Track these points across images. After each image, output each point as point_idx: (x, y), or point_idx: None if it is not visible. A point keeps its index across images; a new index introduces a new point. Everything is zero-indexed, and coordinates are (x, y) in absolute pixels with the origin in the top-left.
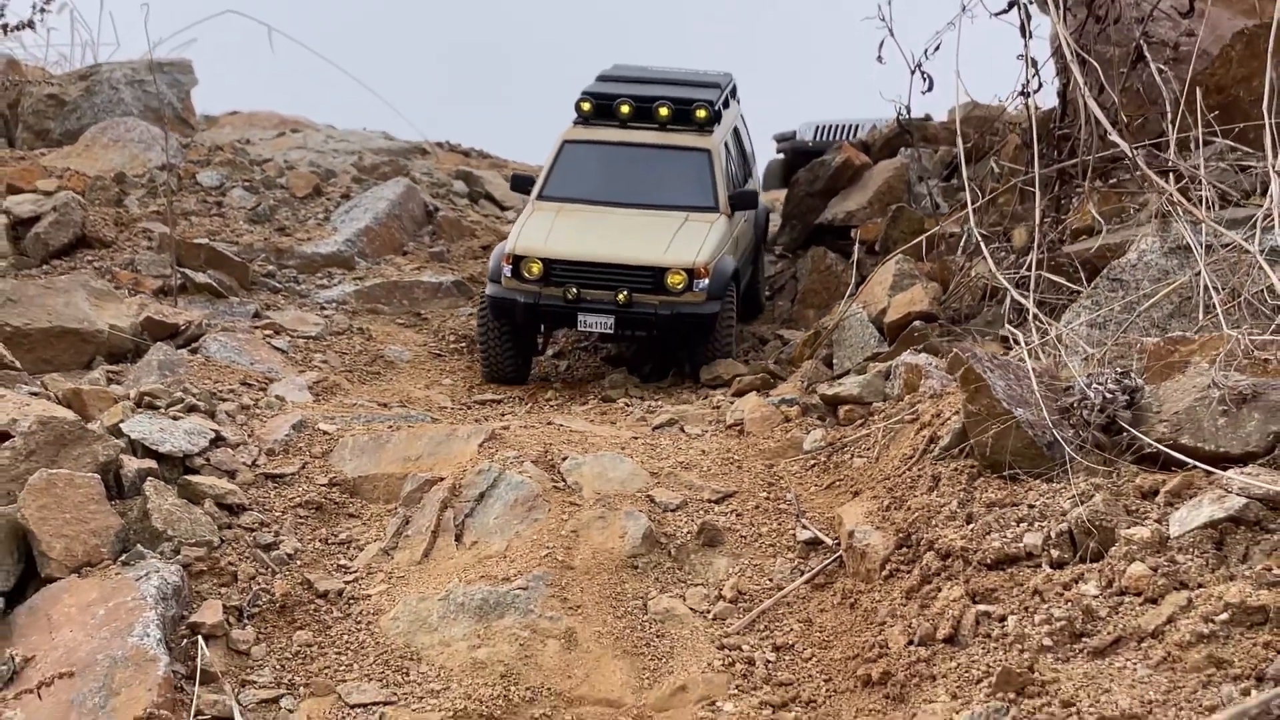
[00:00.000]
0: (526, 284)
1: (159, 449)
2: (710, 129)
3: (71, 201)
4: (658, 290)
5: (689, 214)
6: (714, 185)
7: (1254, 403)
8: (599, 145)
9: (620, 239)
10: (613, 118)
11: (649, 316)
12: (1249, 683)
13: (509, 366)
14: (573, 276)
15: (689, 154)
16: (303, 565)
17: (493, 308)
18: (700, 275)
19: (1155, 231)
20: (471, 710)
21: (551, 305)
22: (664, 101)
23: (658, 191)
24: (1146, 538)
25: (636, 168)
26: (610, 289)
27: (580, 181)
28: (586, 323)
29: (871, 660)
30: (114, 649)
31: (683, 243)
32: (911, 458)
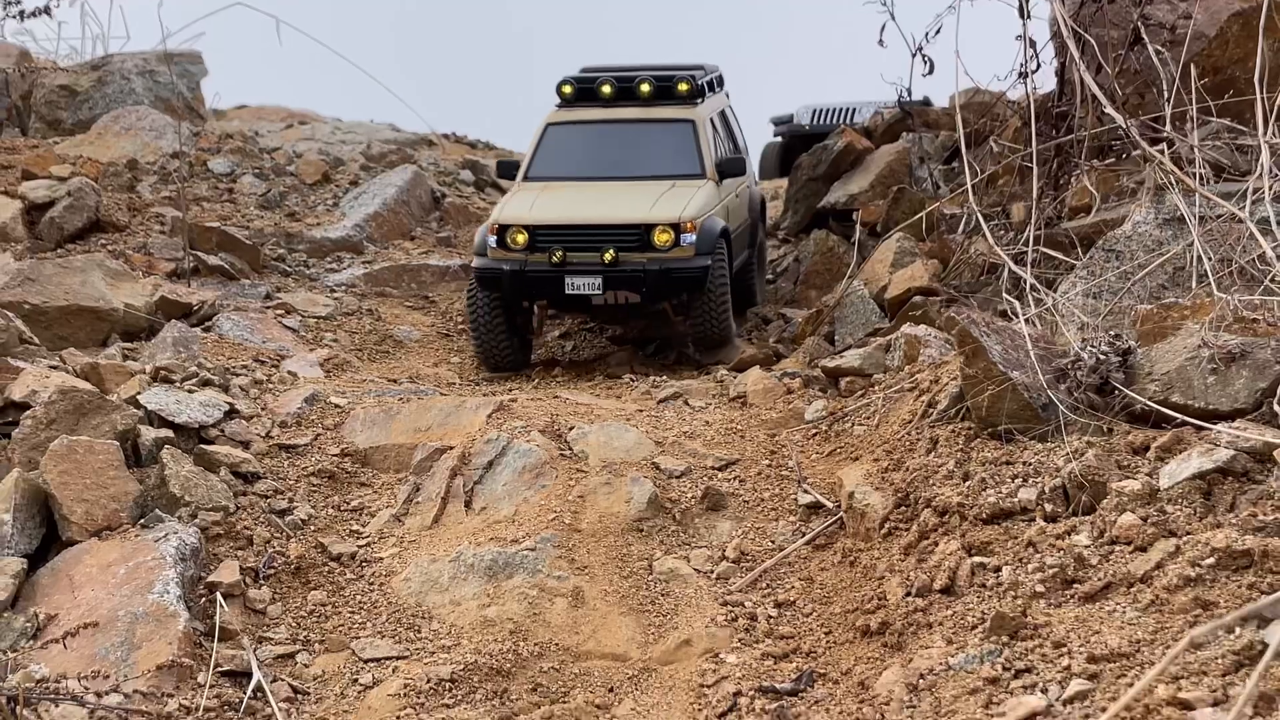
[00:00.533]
0: (512, 253)
1: (175, 420)
2: (694, 102)
3: (86, 187)
4: (644, 248)
5: (675, 181)
6: (699, 152)
7: (1242, 361)
8: (582, 125)
9: (605, 202)
10: (595, 99)
11: (637, 273)
12: (1238, 625)
13: (505, 349)
14: (558, 240)
15: (673, 125)
16: (316, 530)
17: (479, 280)
18: (687, 230)
19: (1150, 203)
20: (482, 664)
21: (538, 271)
22: (645, 78)
23: (642, 163)
24: (1137, 490)
25: (621, 143)
26: (596, 250)
27: (565, 161)
28: (574, 285)
29: (870, 612)
30: (135, 606)
31: (669, 201)
32: (910, 422)
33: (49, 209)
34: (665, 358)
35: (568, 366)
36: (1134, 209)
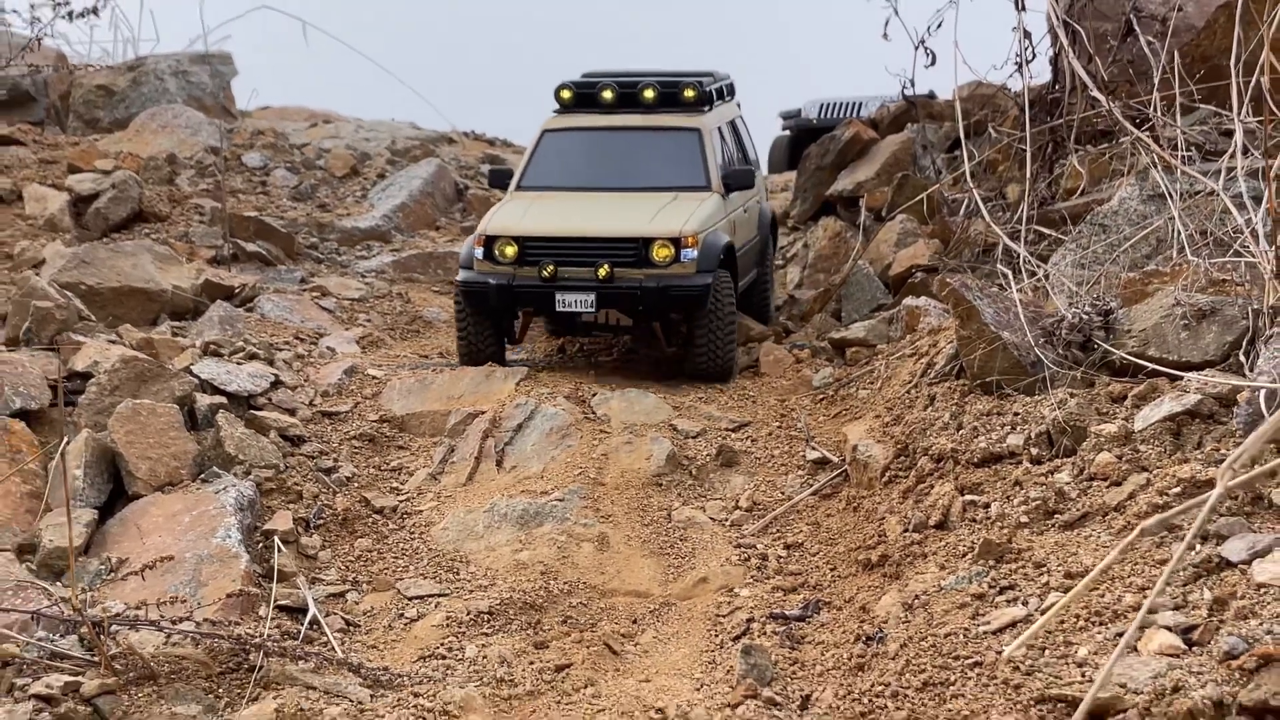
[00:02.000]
0: (500, 266)
1: (226, 388)
2: (701, 110)
3: (129, 179)
4: (642, 264)
5: (678, 193)
6: (704, 163)
7: (1212, 318)
8: (581, 132)
9: (600, 214)
10: (596, 105)
11: (633, 291)
12: (1195, 541)
13: (484, 354)
14: (549, 254)
15: (677, 134)
16: (360, 487)
17: (464, 294)
18: (688, 245)
19: (1135, 180)
20: (516, 599)
21: (527, 286)
22: (649, 83)
23: (644, 173)
24: (1114, 432)
25: (621, 152)
26: (590, 265)
27: (561, 170)
28: (565, 302)
29: (871, 548)
30: (200, 549)
31: (669, 214)
32: (910, 383)
33: (94, 200)
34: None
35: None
36: (1119, 185)
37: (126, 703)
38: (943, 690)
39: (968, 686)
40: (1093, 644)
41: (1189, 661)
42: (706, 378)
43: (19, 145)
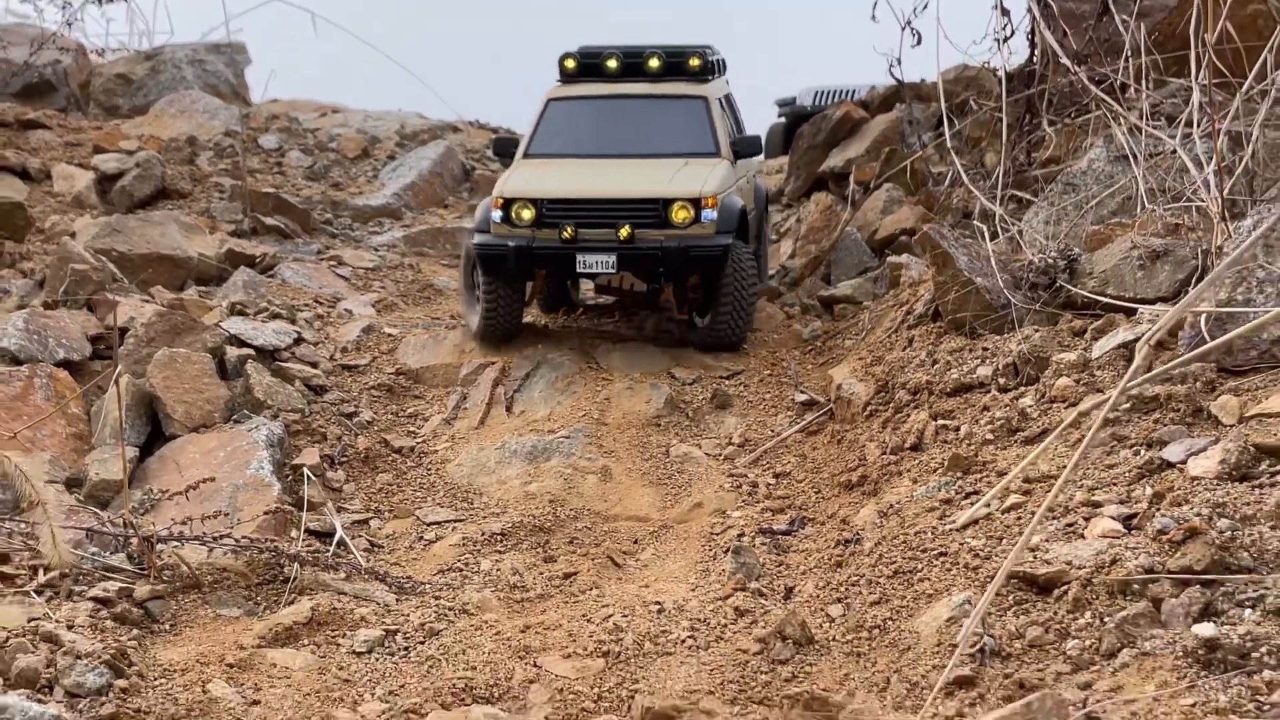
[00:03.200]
0: (518, 229)
1: (253, 343)
2: (705, 78)
3: (152, 159)
4: (662, 225)
5: (688, 159)
6: (713, 130)
7: (1165, 258)
8: (587, 100)
9: (619, 176)
10: (600, 74)
11: (654, 252)
12: (1141, 448)
13: (503, 324)
14: (569, 215)
15: (684, 101)
16: (379, 430)
17: (481, 258)
18: (708, 205)
19: (1102, 143)
20: (526, 523)
21: (546, 248)
22: (655, 52)
23: (653, 140)
24: (1073, 360)
25: (629, 119)
26: (610, 226)
27: (569, 137)
28: (586, 263)
29: (852, 471)
30: (235, 479)
31: (686, 177)
32: (891, 329)
33: (119, 179)
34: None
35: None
36: (1088, 145)
37: (174, 607)
38: (911, 576)
39: (933, 572)
40: (1044, 533)
41: (1126, 541)
42: (721, 345)
43: (45, 129)
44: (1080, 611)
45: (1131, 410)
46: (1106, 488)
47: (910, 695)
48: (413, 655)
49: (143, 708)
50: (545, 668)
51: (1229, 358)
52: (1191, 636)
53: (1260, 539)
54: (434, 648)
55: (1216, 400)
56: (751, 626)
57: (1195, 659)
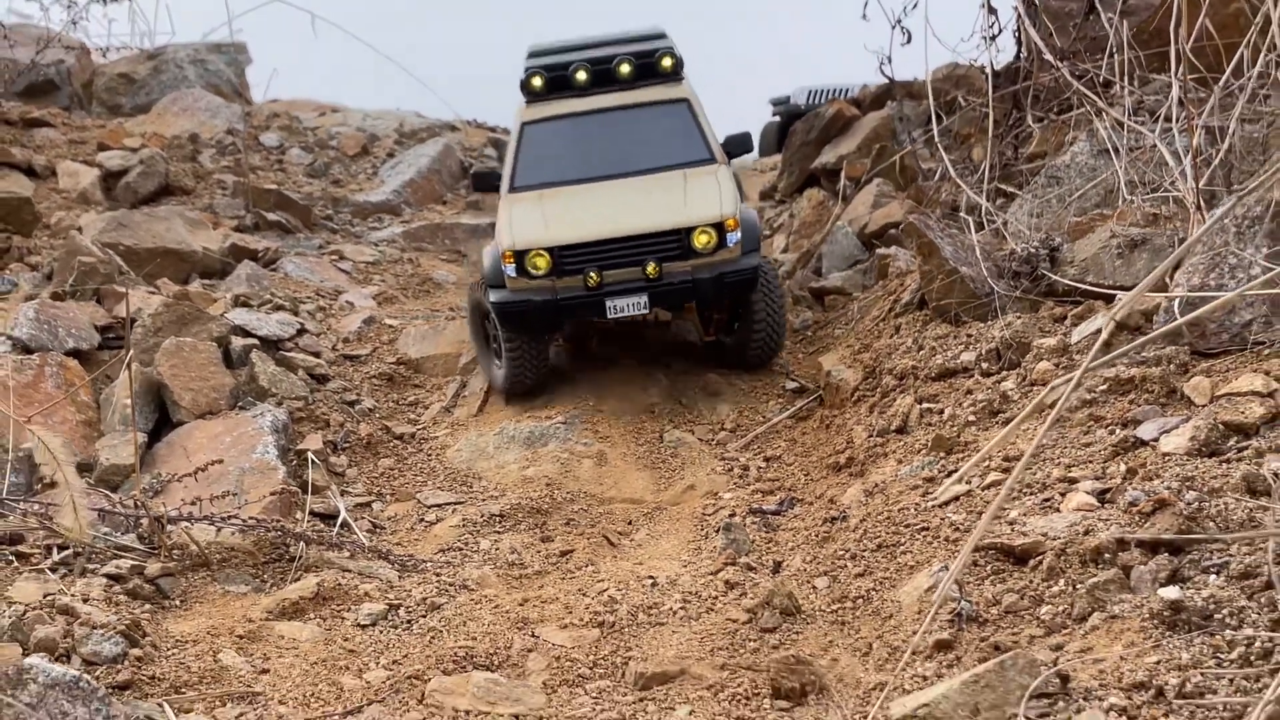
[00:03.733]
0: (535, 280)
1: (257, 333)
2: (679, 77)
3: (156, 156)
4: (687, 255)
5: (685, 170)
6: (703, 134)
7: (1143, 247)
8: (563, 120)
9: (628, 207)
10: (568, 88)
11: (686, 285)
12: (1116, 427)
13: (530, 377)
14: (589, 259)
15: (665, 107)
16: (381, 417)
17: (503, 316)
18: (730, 228)
19: (1085, 137)
20: (524, 505)
21: (573, 298)
22: (624, 58)
23: (643, 154)
24: (1053, 345)
25: (612, 134)
26: (634, 264)
27: (554, 163)
28: (617, 307)
29: (840, 453)
30: (242, 462)
31: (700, 198)
32: (879, 318)
33: (123, 175)
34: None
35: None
36: (1070, 140)
37: (184, 584)
38: (894, 549)
39: (915, 545)
40: (1022, 508)
41: (1099, 513)
42: (760, 361)
43: (49, 127)
44: (1054, 579)
45: (1108, 392)
46: (1082, 465)
47: (891, 659)
48: (415, 627)
49: (157, 674)
50: (543, 638)
51: (1202, 341)
52: (1158, 599)
53: (1226, 509)
54: (435, 620)
55: (1189, 381)
56: (741, 598)
57: (1161, 620)
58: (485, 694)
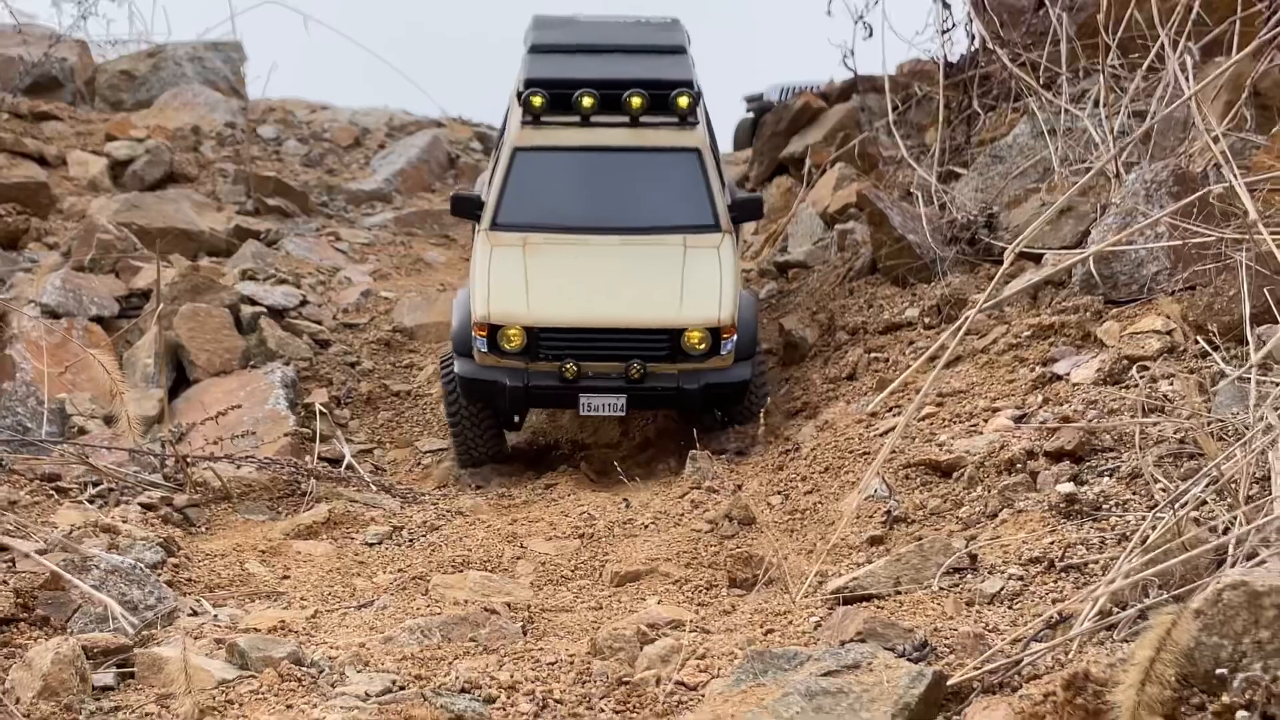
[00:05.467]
0: (508, 358)
1: (264, 302)
2: (694, 120)
3: (161, 146)
4: (674, 356)
5: (686, 237)
6: (710, 196)
7: (1069, 213)
8: (559, 152)
9: (618, 289)
10: (570, 111)
11: (669, 392)
12: (1037, 365)
13: (487, 450)
14: (568, 347)
15: (674, 156)
16: (379, 377)
17: (467, 391)
18: (726, 335)
19: (1026, 120)
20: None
21: (545, 387)
22: (636, 90)
23: (643, 209)
24: (987, 299)
25: (611, 179)
26: (616, 359)
27: (542, 202)
28: (591, 406)
29: (796, 400)
30: (256, 413)
31: (697, 288)
32: (835, 283)
33: (130, 164)
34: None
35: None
36: (1009, 122)
37: (208, 514)
38: (839, 471)
39: (856, 466)
40: (950, 433)
41: (1015, 433)
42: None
43: (57, 120)
44: (973, 486)
45: (1032, 337)
46: (1005, 398)
47: (832, 554)
48: (416, 544)
49: (192, 578)
50: (530, 548)
51: (1114, 291)
52: (1056, 494)
53: (1121, 425)
54: (435, 538)
55: (1101, 326)
56: (704, 514)
57: (1058, 511)
58: (480, 588)
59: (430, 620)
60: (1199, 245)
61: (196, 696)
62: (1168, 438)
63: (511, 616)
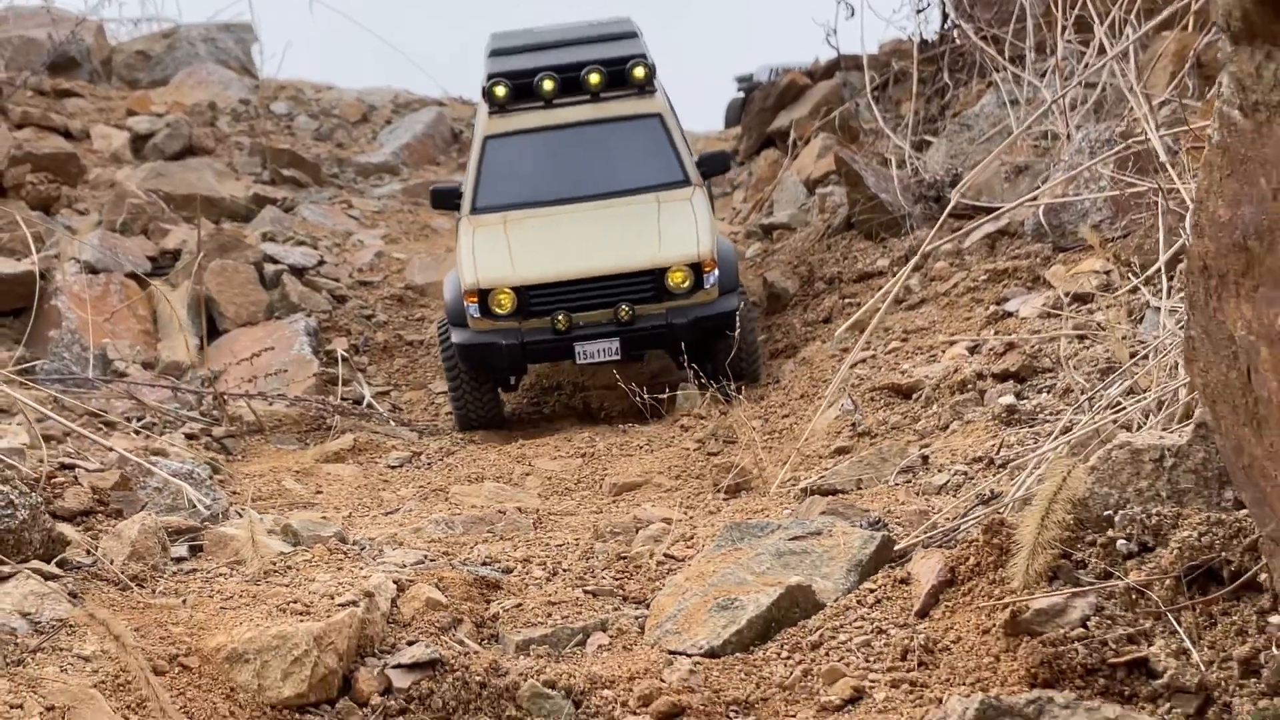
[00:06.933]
0: (501, 321)
1: (285, 261)
2: (651, 89)
3: (180, 120)
4: (660, 296)
5: (659, 194)
6: (677, 154)
7: (1025, 172)
8: (528, 134)
9: (599, 242)
10: (534, 98)
11: (661, 330)
12: (991, 305)
13: (485, 413)
14: (557, 301)
15: (637, 123)
16: (394, 328)
17: (466, 358)
18: (708, 269)
19: (992, 91)
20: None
21: (540, 342)
22: (594, 67)
23: (614, 175)
24: (949, 249)
25: (580, 152)
26: (605, 306)
27: (517, 182)
28: (587, 353)
29: (779, 342)
30: (283, 357)
31: (673, 232)
32: (814, 239)
33: (151, 138)
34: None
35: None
36: (980, 92)
37: (244, 445)
38: (812, 397)
39: (828, 391)
40: (912, 363)
41: (967, 360)
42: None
43: (79, 97)
44: (929, 405)
45: (988, 281)
46: (962, 332)
47: (804, 464)
48: (435, 467)
49: (236, 492)
50: (537, 466)
51: (1062, 239)
52: (999, 406)
53: (1058, 349)
54: (451, 460)
55: (1049, 269)
56: (692, 436)
57: (1000, 420)
58: (494, 496)
59: (452, 517)
60: (1134, 195)
61: (262, 560)
62: (1098, 358)
63: (523, 516)
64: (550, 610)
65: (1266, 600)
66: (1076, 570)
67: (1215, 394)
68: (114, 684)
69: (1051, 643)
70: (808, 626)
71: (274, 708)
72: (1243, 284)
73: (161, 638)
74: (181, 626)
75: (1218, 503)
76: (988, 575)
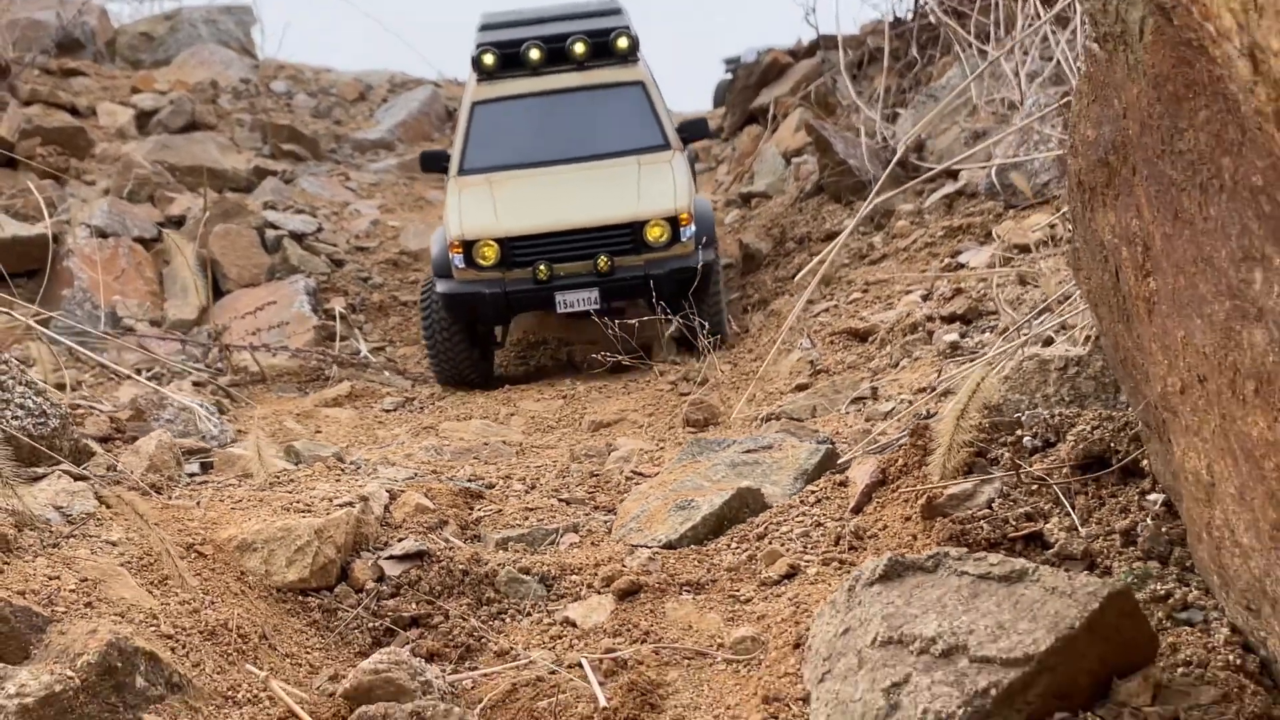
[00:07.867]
0: (485, 272)
1: (285, 227)
2: (634, 58)
3: (183, 97)
4: (639, 249)
5: (639, 157)
6: (658, 118)
7: (984, 136)
8: (514, 100)
9: (580, 198)
10: (521, 67)
11: (638, 281)
12: (946, 258)
13: (469, 369)
14: (539, 252)
15: (620, 90)
16: (389, 290)
17: (450, 307)
18: (684, 222)
19: (958, 65)
20: (509, 344)
21: (521, 291)
22: (579, 37)
23: (596, 139)
24: (911, 209)
25: (564, 117)
26: (585, 257)
27: (504, 146)
28: (567, 302)
29: (750, 297)
30: (284, 314)
31: (654, 189)
32: (787, 203)
33: (155, 114)
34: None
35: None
36: (946, 65)
37: (248, 392)
38: (782, 346)
39: (794, 338)
40: (870, 310)
41: (920, 306)
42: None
43: (85, 76)
44: (883, 346)
45: (944, 237)
46: (918, 284)
47: (767, 399)
48: (426, 410)
49: (243, 429)
50: (522, 407)
51: (1014, 198)
52: (944, 343)
53: (1003, 293)
54: (442, 404)
55: (1000, 225)
56: (666, 379)
57: (944, 355)
58: (481, 431)
59: (441, 445)
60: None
61: (267, 474)
62: (1036, 301)
63: (507, 447)
64: (527, 515)
65: (1148, 483)
66: (990, 467)
67: (1096, 297)
68: (139, 564)
69: (959, 520)
70: (754, 522)
71: (279, 590)
72: (1107, 194)
73: (179, 530)
74: (196, 522)
75: (1113, 404)
76: (913, 474)
